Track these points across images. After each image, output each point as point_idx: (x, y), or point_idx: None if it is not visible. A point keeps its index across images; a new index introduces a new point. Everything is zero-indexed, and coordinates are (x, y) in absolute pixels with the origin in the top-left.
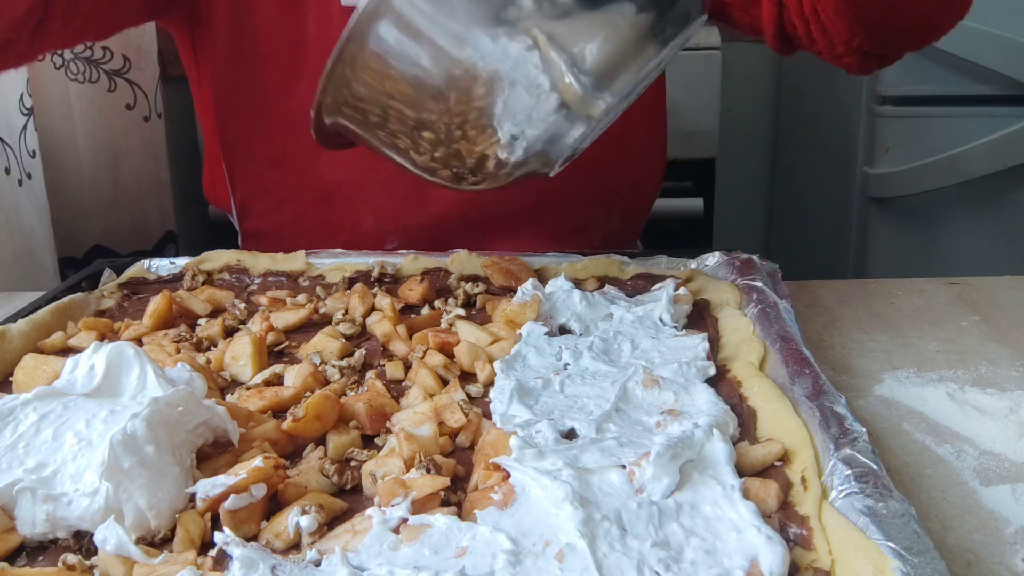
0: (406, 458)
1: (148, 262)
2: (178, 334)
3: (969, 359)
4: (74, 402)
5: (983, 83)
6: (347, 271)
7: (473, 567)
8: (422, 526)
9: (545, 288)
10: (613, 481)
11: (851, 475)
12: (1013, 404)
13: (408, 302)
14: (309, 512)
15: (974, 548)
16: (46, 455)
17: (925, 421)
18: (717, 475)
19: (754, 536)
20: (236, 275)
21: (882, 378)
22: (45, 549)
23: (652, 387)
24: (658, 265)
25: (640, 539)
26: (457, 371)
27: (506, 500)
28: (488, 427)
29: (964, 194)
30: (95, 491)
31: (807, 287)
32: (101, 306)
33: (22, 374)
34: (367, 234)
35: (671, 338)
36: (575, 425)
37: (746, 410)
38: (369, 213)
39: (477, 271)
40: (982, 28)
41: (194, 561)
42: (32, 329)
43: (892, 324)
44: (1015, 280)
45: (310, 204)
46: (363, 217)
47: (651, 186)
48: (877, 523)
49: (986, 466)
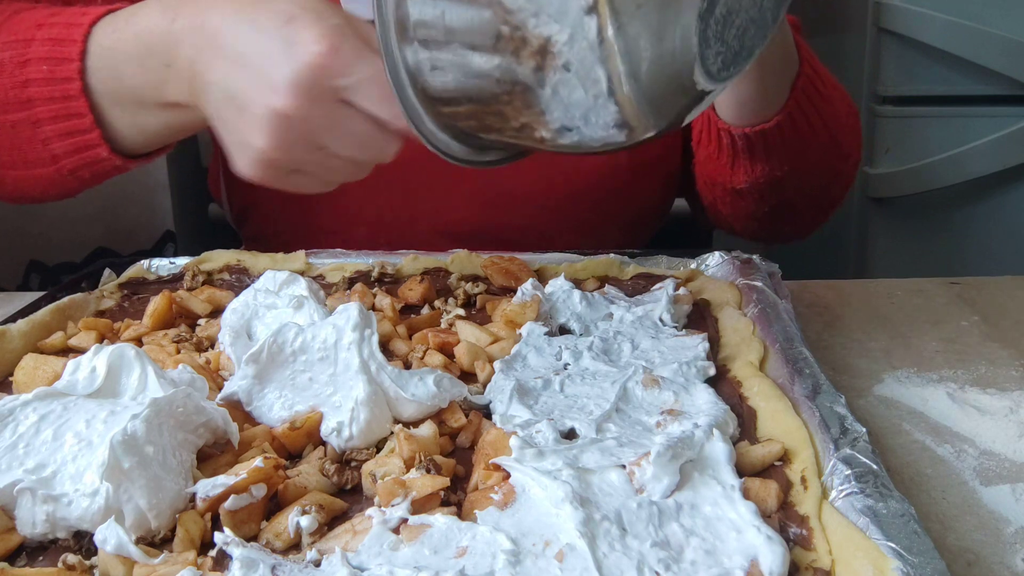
0: (406, 458)
1: (148, 262)
2: (178, 334)
3: (969, 359)
4: (74, 402)
5: (983, 83)
6: (347, 271)
7: (473, 567)
8: (422, 526)
9: (545, 288)
10: (613, 481)
11: (851, 475)
12: (1013, 404)
13: (408, 302)
14: (309, 512)
15: (974, 548)
16: (46, 455)
17: (925, 421)
18: (717, 475)
19: (754, 536)
20: (236, 275)
21: (882, 378)
22: (45, 549)
23: (652, 387)
24: (658, 265)
25: (640, 539)
26: (457, 371)
27: (506, 500)
28: (488, 427)
29: (964, 194)
30: (95, 491)
31: (807, 287)
32: (101, 306)
33: (22, 374)
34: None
35: (671, 338)
36: (575, 425)
37: (746, 410)
38: (362, 224)
39: (477, 271)
40: (982, 28)
41: (194, 561)
42: (32, 329)
43: (892, 324)
44: (1015, 280)
45: (304, 212)
46: (356, 227)
47: (649, 218)
48: (877, 523)
49: (986, 466)
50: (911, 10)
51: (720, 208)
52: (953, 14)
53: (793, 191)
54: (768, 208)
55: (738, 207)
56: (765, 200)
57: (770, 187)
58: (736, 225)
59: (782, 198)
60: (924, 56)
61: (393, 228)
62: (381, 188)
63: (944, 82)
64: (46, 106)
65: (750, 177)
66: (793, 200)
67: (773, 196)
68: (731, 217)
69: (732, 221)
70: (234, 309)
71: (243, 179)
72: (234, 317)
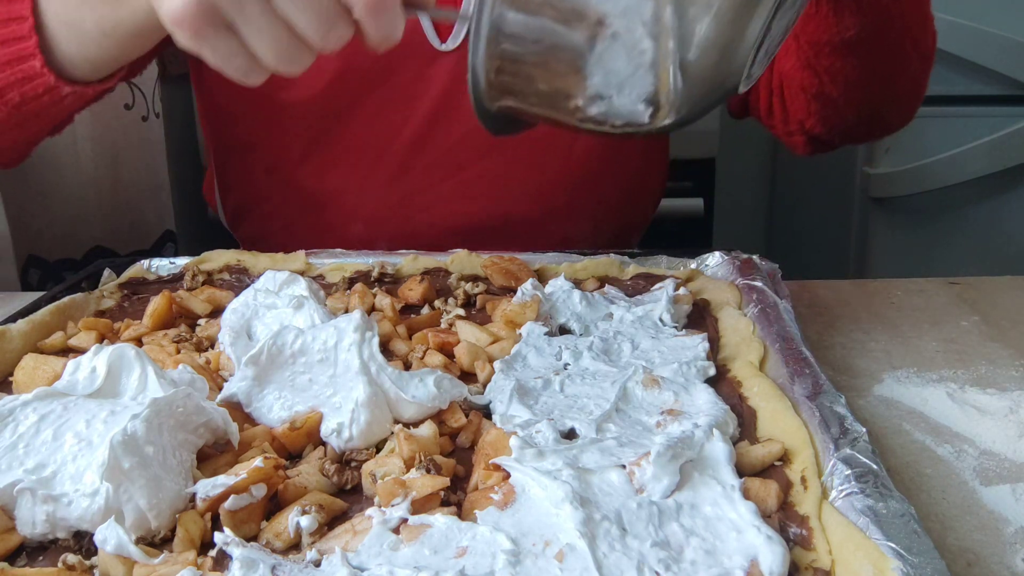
0: (406, 458)
1: (148, 262)
2: (178, 334)
3: (969, 359)
4: (74, 403)
5: (983, 83)
6: (347, 271)
7: (473, 567)
8: (422, 526)
9: (545, 288)
10: (613, 481)
11: (851, 475)
12: (1013, 404)
13: (408, 302)
14: (309, 512)
15: (974, 548)
16: (46, 455)
17: (925, 421)
18: (717, 475)
19: (754, 536)
20: (236, 275)
21: (882, 378)
22: (45, 549)
23: (652, 387)
24: (658, 265)
25: (640, 539)
26: (457, 371)
27: (506, 500)
28: (488, 427)
29: (964, 194)
30: (95, 491)
31: (807, 287)
32: (101, 306)
33: (22, 374)
34: (356, 241)
35: (671, 338)
36: (575, 425)
37: (746, 410)
38: (359, 220)
39: (477, 271)
40: (982, 28)
41: (194, 561)
42: (32, 329)
43: (892, 324)
44: (1015, 280)
45: (301, 211)
46: (353, 224)
47: (644, 203)
48: (877, 523)
49: (986, 466)
50: None
51: (827, 84)
52: (953, 14)
53: (899, 29)
54: (882, 59)
55: (850, 69)
56: (877, 45)
57: (878, 24)
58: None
59: (891, 40)
60: None
61: (390, 224)
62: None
63: (944, 82)
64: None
65: (857, 16)
66: (902, 42)
67: (883, 38)
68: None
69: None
70: (234, 309)
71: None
72: (234, 317)
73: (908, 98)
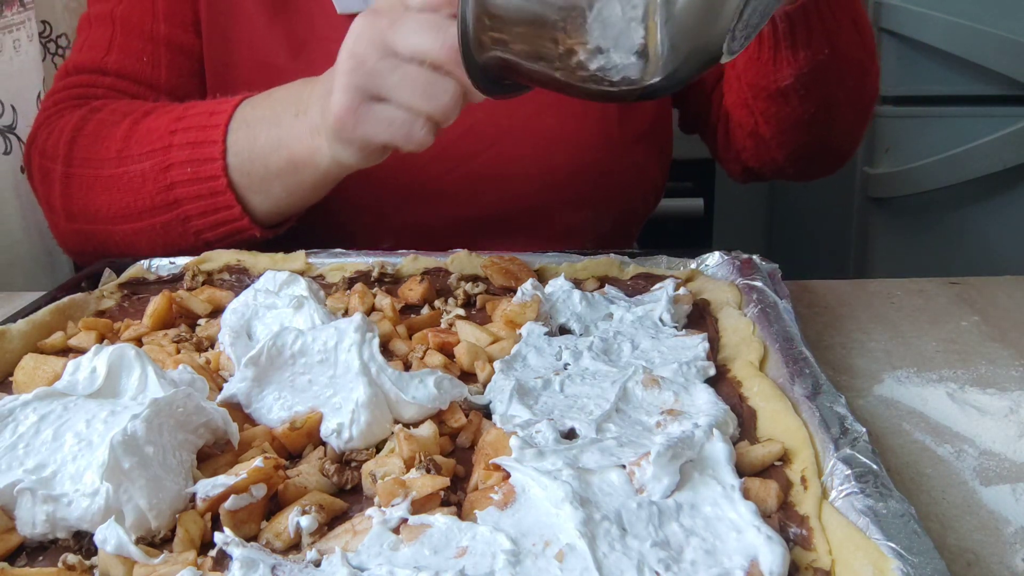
0: (406, 458)
1: (148, 262)
2: (178, 334)
3: (969, 359)
4: (74, 403)
5: (983, 83)
6: (347, 271)
7: (473, 567)
8: (422, 526)
9: (545, 288)
10: (613, 481)
11: (851, 475)
12: (1013, 404)
13: (408, 302)
14: (309, 512)
15: (974, 548)
16: (46, 455)
17: (925, 421)
18: (717, 475)
19: (754, 536)
20: (236, 275)
21: (882, 378)
22: (45, 549)
23: (652, 387)
24: (658, 265)
25: (640, 539)
26: (457, 371)
27: (506, 500)
28: (488, 427)
29: (964, 194)
30: (95, 491)
31: (807, 287)
32: (101, 306)
33: (22, 374)
34: (362, 234)
35: (671, 338)
36: (575, 425)
37: (746, 410)
38: (365, 212)
39: (477, 271)
40: (982, 28)
41: (194, 561)
42: (32, 329)
43: (892, 324)
44: (1015, 280)
45: None
46: (358, 216)
47: (645, 193)
48: (877, 523)
49: (986, 466)
50: (911, 10)
51: (761, 126)
52: (953, 14)
53: (835, 82)
54: (813, 109)
55: (783, 115)
56: (810, 97)
57: (814, 77)
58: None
59: (825, 93)
60: (924, 56)
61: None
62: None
63: (944, 82)
64: (194, 203)
65: (794, 67)
66: (836, 95)
67: (817, 90)
68: (773, 138)
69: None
70: (234, 309)
71: None
72: (234, 317)
73: (840, 147)
